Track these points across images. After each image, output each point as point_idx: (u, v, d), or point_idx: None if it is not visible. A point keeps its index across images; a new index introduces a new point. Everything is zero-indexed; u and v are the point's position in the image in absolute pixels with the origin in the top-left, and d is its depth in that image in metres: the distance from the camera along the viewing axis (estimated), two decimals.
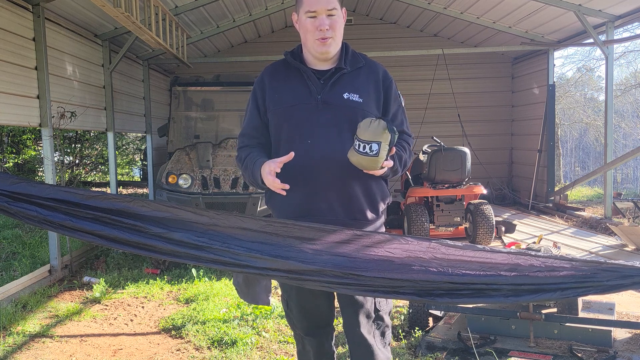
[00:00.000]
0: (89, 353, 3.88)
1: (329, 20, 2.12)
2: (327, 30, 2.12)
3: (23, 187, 2.01)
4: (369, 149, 1.96)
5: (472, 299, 1.94)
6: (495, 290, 1.91)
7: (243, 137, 2.34)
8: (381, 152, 1.98)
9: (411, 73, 11.32)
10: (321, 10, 2.12)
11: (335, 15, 2.14)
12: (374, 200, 2.25)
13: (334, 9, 2.13)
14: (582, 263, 1.89)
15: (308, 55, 2.24)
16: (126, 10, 5.06)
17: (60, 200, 2.00)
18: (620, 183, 20.31)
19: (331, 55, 2.21)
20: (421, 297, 1.95)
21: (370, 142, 1.96)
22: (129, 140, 17.37)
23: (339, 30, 2.17)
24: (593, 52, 20.14)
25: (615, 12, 7.93)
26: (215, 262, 1.97)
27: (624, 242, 6.77)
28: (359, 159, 2.01)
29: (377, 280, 1.87)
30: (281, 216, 2.25)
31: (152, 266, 6.12)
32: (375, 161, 1.99)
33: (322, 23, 2.12)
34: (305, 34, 2.17)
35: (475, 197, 7.30)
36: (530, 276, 1.86)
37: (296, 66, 2.24)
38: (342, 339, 3.69)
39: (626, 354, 3.23)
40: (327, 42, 2.14)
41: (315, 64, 2.24)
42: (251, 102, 2.33)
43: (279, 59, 2.34)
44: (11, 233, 7.89)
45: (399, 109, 2.30)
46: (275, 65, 2.33)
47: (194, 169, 6.49)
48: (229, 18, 9.68)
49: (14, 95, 5.31)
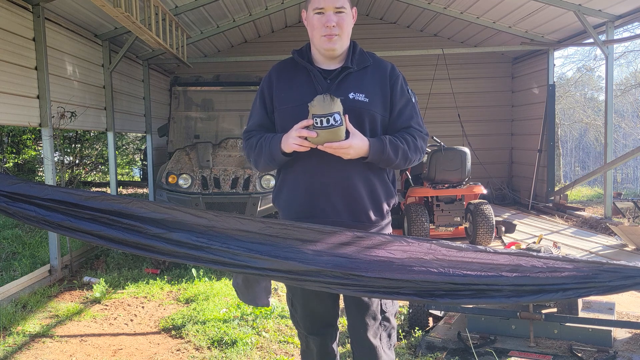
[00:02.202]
0: (89, 353, 3.88)
1: (337, 18, 2.12)
2: (334, 27, 2.11)
3: (22, 188, 2.01)
4: (333, 121, 2.01)
5: (473, 299, 1.94)
6: (496, 291, 1.91)
7: (248, 132, 2.32)
8: (343, 120, 2.04)
9: (411, 73, 11.27)
10: (329, 7, 2.11)
11: (343, 13, 2.13)
12: (378, 201, 2.22)
13: (342, 7, 2.12)
14: (583, 264, 1.89)
15: (316, 53, 2.23)
16: (126, 10, 5.06)
17: (59, 200, 2.00)
18: (620, 183, 20.31)
19: (337, 53, 2.19)
20: (422, 297, 1.94)
21: (332, 114, 2.01)
22: (129, 140, 17.38)
23: (347, 29, 2.16)
24: (593, 52, 20.16)
25: (615, 12, 7.93)
26: (214, 262, 1.96)
27: (624, 242, 6.77)
28: (323, 135, 2.03)
29: (378, 281, 1.86)
30: (286, 216, 2.25)
31: (152, 266, 6.12)
32: (342, 130, 2.03)
33: (328, 20, 2.11)
34: (312, 31, 2.17)
35: (475, 197, 7.30)
36: (532, 277, 1.86)
37: (303, 65, 2.23)
38: (342, 338, 3.69)
39: (626, 354, 3.23)
40: (332, 39, 2.13)
41: (322, 63, 2.23)
42: (258, 100, 2.31)
43: (287, 57, 2.33)
44: (11, 233, 7.89)
45: (407, 105, 2.24)
46: (283, 63, 2.32)
47: (194, 169, 6.49)
48: (229, 18, 9.68)
49: (14, 95, 5.31)
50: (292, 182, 2.21)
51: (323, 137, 2.03)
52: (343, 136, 2.04)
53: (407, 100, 2.24)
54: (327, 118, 2.01)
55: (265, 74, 2.38)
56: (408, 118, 2.23)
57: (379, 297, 2.18)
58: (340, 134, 2.03)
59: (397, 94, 2.22)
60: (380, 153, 2.11)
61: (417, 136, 2.22)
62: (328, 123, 2.01)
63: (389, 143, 2.12)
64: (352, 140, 2.05)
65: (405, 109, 2.23)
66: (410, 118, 2.23)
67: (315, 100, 2.04)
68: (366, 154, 2.09)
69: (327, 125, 2.01)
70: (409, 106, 2.24)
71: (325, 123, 2.01)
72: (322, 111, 2.01)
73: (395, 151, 2.14)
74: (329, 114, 2.01)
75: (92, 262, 6.48)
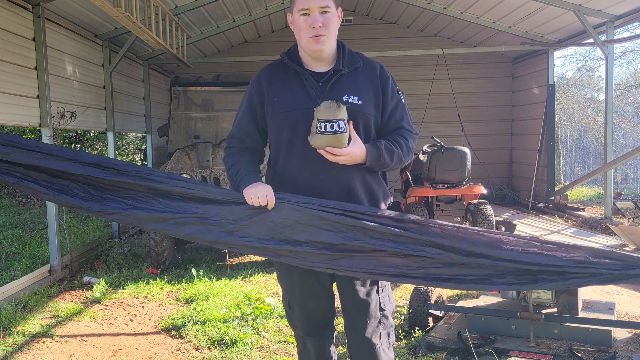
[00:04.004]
0: (89, 353, 3.88)
1: (322, 18, 2.11)
2: (320, 27, 2.10)
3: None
4: (337, 127, 2.04)
5: (478, 285, 2.02)
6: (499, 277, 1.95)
7: (232, 139, 2.30)
8: (347, 128, 2.07)
9: (411, 73, 11.31)
10: (314, 8, 2.10)
11: (328, 13, 2.12)
12: (376, 201, 2.23)
13: (327, 7, 2.11)
14: (585, 251, 1.94)
15: (304, 55, 2.22)
16: (126, 10, 5.06)
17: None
18: (620, 183, 20.29)
19: (325, 54, 2.18)
20: (427, 280, 2.05)
21: (337, 120, 2.04)
22: (129, 140, 17.36)
23: (333, 29, 2.15)
24: (593, 52, 20.17)
25: (615, 12, 7.93)
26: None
27: (624, 242, 6.77)
28: (326, 140, 2.05)
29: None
30: None
31: (152, 266, 6.12)
32: (344, 137, 2.06)
33: (315, 20, 2.10)
34: (299, 33, 2.15)
35: (475, 197, 7.30)
36: (536, 253, 1.95)
37: (293, 68, 2.21)
38: (342, 338, 3.69)
39: (626, 354, 3.23)
40: (320, 40, 2.12)
41: (312, 65, 2.21)
42: (245, 104, 2.29)
43: (276, 60, 2.31)
44: (11, 233, 7.89)
45: (398, 105, 2.25)
46: (272, 66, 2.29)
47: (194, 168, 6.49)
48: (229, 18, 9.68)
49: (14, 95, 5.31)
50: (289, 185, 2.20)
51: (325, 142, 2.05)
52: (345, 143, 2.07)
53: (398, 101, 2.27)
54: (331, 124, 2.04)
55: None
56: (399, 119, 2.26)
57: (386, 280, 2.22)
58: (342, 141, 2.06)
59: (388, 95, 2.24)
60: (377, 159, 2.14)
61: (409, 137, 2.26)
62: (332, 129, 2.04)
63: (385, 149, 2.15)
64: (351, 149, 2.07)
65: (397, 110, 2.26)
66: (402, 119, 2.26)
67: (322, 105, 2.06)
68: (363, 161, 2.12)
69: (331, 131, 2.04)
70: (400, 107, 2.27)
71: (330, 129, 2.04)
72: (327, 117, 2.04)
73: (391, 156, 2.17)
74: (333, 120, 2.04)
75: (92, 262, 6.48)
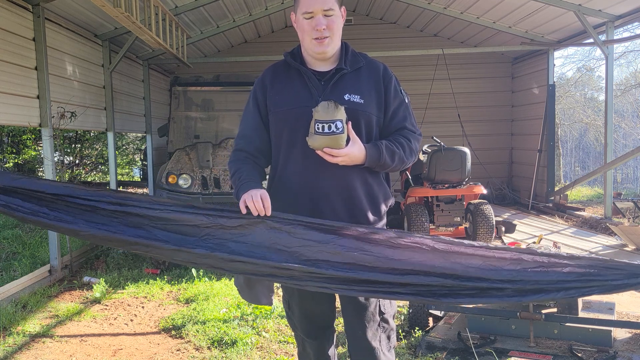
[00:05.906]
0: (89, 353, 3.88)
1: (326, 20, 2.10)
2: (324, 30, 2.10)
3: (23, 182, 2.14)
4: (335, 128, 2.03)
5: (475, 299, 1.95)
6: (498, 290, 1.92)
7: (240, 140, 2.29)
8: (345, 128, 2.06)
9: (411, 73, 11.30)
10: (317, 11, 2.09)
11: (332, 15, 2.11)
12: (376, 202, 2.23)
13: (331, 9, 2.10)
14: (586, 261, 1.90)
15: (307, 55, 2.22)
16: (126, 10, 5.06)
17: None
18: (620, 183, 20.30)
19: (329, 55, 2.18)
20: (424, 297, 1.97)
21: (335, 121, 2.03)
22: (129, 140, 17.36)
23: (337, 30, 2.14)
24: (593, 52, 20.19)
25: (615, 12, 7.93)
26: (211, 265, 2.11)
27: (624, 242, 6.77)
28: (324, 141, 2.04)
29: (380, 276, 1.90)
30: None
31: (152, 266, 6.12)
32: (342, 138, 2.05)
33: (318, 23, 2.09)
34: (303, 34, 2.15)
35: (475, 197, 7.30)
36: (533, 272, 1.87)
37: (296, 67, 2.21)
38: (342, 339, 3.69)
39: (626, 354, 3.23)
40: (324, 42, 2.12)
41: (314, 65, 2.21)
42: (251, 102, 2.29)
43: (280, 60, 2.31)
44: (11, 233, 7.89)
45: (401, 106, 2.24)
46: (276, 66, 2.30)
47: (194, 169, 6.49)
48: (229, 18, 9.68)
49: (14, 95, 5.31)
50: (289, 184, 2.19)
51: (323, 142, 2.05)
52: (343, 144, 2.05)
53: (401, 101, 2.24)
54: (328, 124, 2.03)
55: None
56: (402, 119, 2.23)
57: (379, 297, 2.18)
58: (339, 142, 2.05)
59: (391, 94, 2.22)
60: (377, 160, 2.12)
61: (412, 138, 2.23)
62: (329, 130, 2.03)
63: (385, 149, 2.13)
64: (350, 149, 2.06)
65: (399, 109, 2.23)
66: (404, 119, 2.24)
67: (320, 105, 2.05)
68: (362, 162, 2.11)
69: (328, 132, 2.03)
70: (403, 107, 2.24)
71: (327, 129, 2.03)
72: (324, 117, 2.03)
73: (392, 157, 2.15)
74: (330, 121, 2.03)
75: (92, 262, 6.48)
